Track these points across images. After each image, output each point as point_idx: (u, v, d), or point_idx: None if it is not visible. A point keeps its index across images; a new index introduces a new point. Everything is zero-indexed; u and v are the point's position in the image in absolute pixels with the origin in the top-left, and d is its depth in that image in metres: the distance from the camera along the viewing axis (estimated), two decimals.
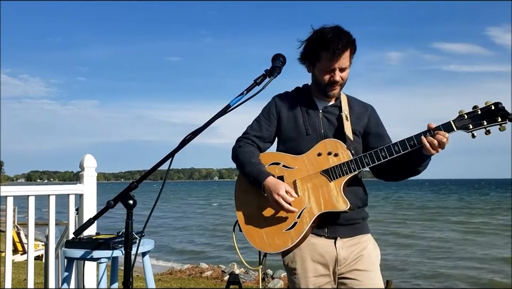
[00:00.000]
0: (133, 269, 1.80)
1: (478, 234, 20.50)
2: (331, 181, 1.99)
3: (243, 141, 2.17)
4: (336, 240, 2.04)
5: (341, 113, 2.12)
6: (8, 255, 3.48)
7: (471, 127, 1.86)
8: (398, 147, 1.94)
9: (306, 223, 1.98)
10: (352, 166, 1.98)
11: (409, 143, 1.93)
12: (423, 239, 18.85)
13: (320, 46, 1.98)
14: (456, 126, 1.88)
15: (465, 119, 1.88)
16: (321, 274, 2.02)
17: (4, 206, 3.55)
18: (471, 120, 1.87)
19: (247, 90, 1.80)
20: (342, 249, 2.03)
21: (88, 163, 3.77)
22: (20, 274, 7.40)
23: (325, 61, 2.00)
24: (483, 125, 1.85)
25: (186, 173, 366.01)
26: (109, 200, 1.72)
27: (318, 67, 2.05)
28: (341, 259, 2.02)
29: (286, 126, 2.13)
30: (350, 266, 2.02)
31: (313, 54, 2.03)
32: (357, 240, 2.07)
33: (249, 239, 2.08)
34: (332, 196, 1.97)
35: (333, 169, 1.99)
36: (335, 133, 2.09)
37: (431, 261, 13.84)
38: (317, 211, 1.98)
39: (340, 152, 2.01)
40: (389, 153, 1.95)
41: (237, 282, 3.95)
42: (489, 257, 14.60)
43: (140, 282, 6.72)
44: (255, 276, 9.30)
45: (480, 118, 1.86)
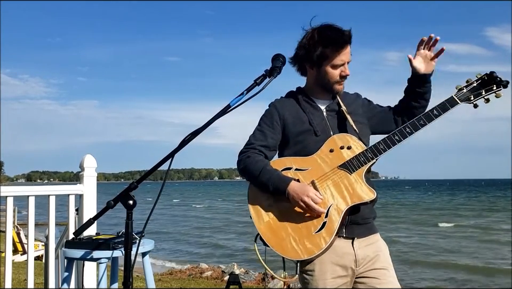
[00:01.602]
0: (133, 269, 1.79)
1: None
2: (351, 173, 1.97)
3: (250, 152, 2.07)
4: (353, 240, 2.02)
5: (341, 108, 2.12)
6: (8, 255, 3.48)
7: (472, 98, 2.01)
8: (410, 128, 2.00)
9: (336, 220, 1.94)
10: (369, 155, 1.98)
11: (419, 123, 2.00)
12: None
13: (327, 43, 1.99)
14: (459, 98, 2.01)
15: (465, 92, 2.02)
16: (339, 276, 1.99)
17: (4, 206, 3.55)
18: (470, 91, 2.02)
19: (247, 90, 1.79)
20: (359, 249, 2.02)
21: (88, 163, 3.77)
22: (20, 275, 7.40)
23: (333, 57, 2.00)
24: (482, 94, 2.02)
25: (186, 173, 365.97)
26: (109, 200, 1.71)
27: (327, 65, 2.03)
28: (359, 259, 2.01)
29: (292, 130, 2.08)
30: (368, 266, 2.01)
31: (319, 53, 2.00)
32: (371, 240, 2.07)
33: (278, 249, 1.97)
34: (356, 188, 1.96)
35: (350, 161, 1.98)
36: (341, 129, 2.10)
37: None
38: (344, 206, 1.95)
39: (352, 144, 2.01)
40: (402, 136, 1.99)
41: (237, 282, 3.96)
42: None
43: (140, 282, 6.72)
44: (255, 276, 9.29)
45: (478, 88, 2.02)
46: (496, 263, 13.72)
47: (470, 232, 21.22)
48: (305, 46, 2.05)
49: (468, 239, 18.92)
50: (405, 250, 15.77)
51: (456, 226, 23.41)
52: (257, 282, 8.89)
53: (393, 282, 2.00)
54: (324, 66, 2.04)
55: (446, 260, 14.09)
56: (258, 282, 8.88)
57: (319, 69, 2.06)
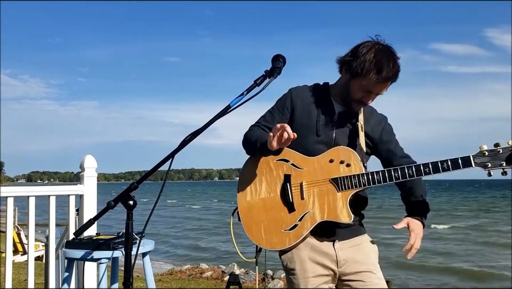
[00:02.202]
0: (133, 269, 1.80)
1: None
2: (339, 191, 1.96)
3: (255, 127, 2.14)
4: (334, 242, 2.04)
5: (357, 122, 2.07)
6: (9, 255, 3.48)
7: (489, 166, 1.85)
8: (413, 171, 1.92)
9: (306, 228, 1.97)
10: (363, 181, 1.94)
11: (425, 170, 1.90)
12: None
13: (373, 67, 1.91)
14: (475, 162, 1.87)
15: (485, 156, 1.86)
16: (320, 274, 2.02)
17: (4, 206, 3.55)
18: (490, 158, 1.86)
19: (247, 90, 1.79)
20: (340, 250, 2.03)
21: (88, 164, 3.78)
22: (20, 275, 7.40)
23: (369, 82, 1.93)
24: (501, 166, 1.85)
25: (186, 173, 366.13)
26: (109, 201, 1.72)
27: (358, 83, 1.97)
28: (341, 260, 2.02)
29: (297, 122, 2.08)
30: (353, 268, 2.02)
31: (361, 69, 1.93)
32: (355, 242, 2.07)
33: (247, 230, 2.07)
34: (336, 206, 1.95)
35: (342, 179, 1.96)
36: (348, 141, 2.06)
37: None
38: (319, 218, 1.96)
39: (353, 163, 1.97)
40: (402, 176, 1.92)
41: (237, 283, 3.95)
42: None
43: (140, 282, 6.72)
44: (255, 276, 9.30)
45: (499, 159, 1.85)
46: (488, 267, 13.41)
47: (465, 234, 20.88)
48: (357, 54, 1.96)
49: (463, 241, 18.58)
50: (399, 253, 15.68)
51: (452, 228, 23.11)
52: (257, 282, 8.89)
53: (379, 284, 2.00)
54: (355, 81, 1.98)
55: (436, 264, 13.70)
56: (258, 282, 8.88)
57: (350, 79, 2.00)
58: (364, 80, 1.94)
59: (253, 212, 2.07)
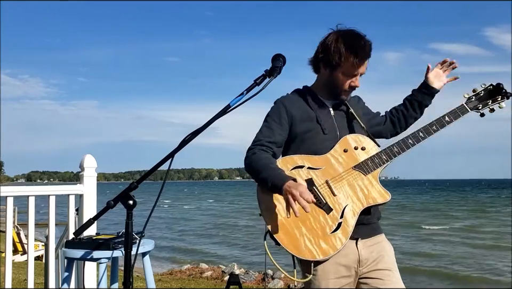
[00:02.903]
0: (133, 269, 1.79)
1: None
2: (366, 174, 1.99)
3: (256, 148, 2.02)
4: (357, 240, 2.01)
5: (349, 109, 2.14)
6: (8, 255, 3.48)
7: (480, 107, 2.14)
8: (423, 133, 2.07)
9: (352, 221, 1.94)
10: (384, 157, 2.02)
11: (432, 128, 2.07)
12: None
13: (349, 51, 1.96)
14: (469, 107, 2.12)
15: (473, 100, 2.14)
16: (342, 276, 1.98)
17: (4, 206, 3.55)
18: (478, 100, 2.14)
19: (247, 90, 1.79)
20: (363, 249, 2.01)
21: (88, 163, 3.77)
22: (20, 275, 7.40)
23: (350, 66, 1.98)
24: (488, 104, 2.14)
25: (186, 173, 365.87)
26: (109, 200, 1.71)
27: (340, 71, 2.01)
28: (363, 260, 2.00)
29: (300, 128, 2.06)
30: (372, 267, 2.00)
31: (338, 58, 1.97)
32: (375, 240, 2.06)
33: (292, 249, 1.92)
34: (370, 190, 1.97)
35: (365, 162, 2.00)
36: (350, 129, 2.11)
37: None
38: (360, 207, 1.95)
39: (366, 145, 2.03)
40: (416, 140, 2.06)
41: (237, 283, 3.96)
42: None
43: (140, 282, 6.72)
44: (255, 276, 9.29)
45: (485, 98, 2.14)
46: (474, 269, 12.81)
47: (455, 235, 20.30)
48: (326, 47, 2.01)
49: (451, 243, 17.95)
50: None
51: (443, 229, 22.52)
52: (257, 282, 8.89)
53: (397, 283, 1.99)
54: (338, 71, 2.02)
55: (418, 265, 13.11)
56: (258, 282, 8.88)
57: (331, 72, 2.04)
58: (345, 67, 2.00)
59: (289, 230, 1.94)
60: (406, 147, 2.04)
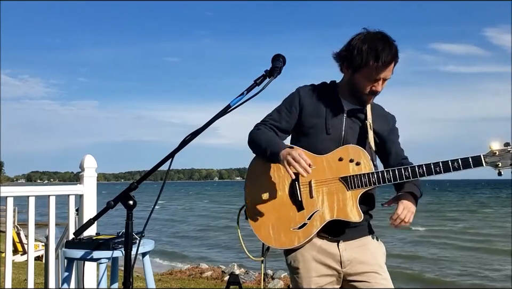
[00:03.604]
0: (133, 269, 1.80)
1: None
2: (348, 190, 1.95)
3: (261, 126, 2.10)
4: (339, 242, 2.03)
5: (365, 120, 2.07)
6: (8, 255, 3.48)
7: (500, 165, 1.86)
8: (423, 170, 1.92)
9: (316, 226, 1.96)
10: (373, 179, 1.94)
11: (435, 169, 1.90)
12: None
13: (370, 55, 1.91)
14: (486, 161, 1.87)
15: (495, 155, 1.87)
16: (324, 274, 2.01)
17: (4, 206, 3.55)
18: (500, 158, 1.87)
19: (247, 90, 1.79)
20: (345, 250, 2.02)
21: (88, 163, 3.77)
22: (20, 275, 7.40)
23: (371, 70, 1.93)
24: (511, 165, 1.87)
25: (186, 173, 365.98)
26: (109, 201, 1.72)
27: (362, 75, 1.97)
28: (345, 260, 2.01)
29: (306, 121, 2.07)
30: (358, 269, 2.01)
31: (360, 60, 1.94)
32: (361, 242, 2.06)
33: (255, 229, 2.04)
34: (346, 205, 1.95)
35: (352, 178, 1.95)
36: (357, 140, 2.06)
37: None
38: (328, 217, 1.95)
39: (363, 161, 1.97)
40: (413, 175, 1.93)
41: (237, 283, 3.95)
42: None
43: (140, 282, 6.72)
44: (255, 276, 9.30)
45: (510, 158, 1.86)
46: (455, 275, 12.16)
47: (442, 237, 19.66)
48: (351, 47, 1.98)
49: (436, 245, 17.42)
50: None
51: (432, 230, 21.78)
52: (257, 282, 8.89)
53: (385, 285, 2.00)
54: (359, 74, 1.98)
55: (396, 268, 12.38)
56: (258, 282, 8.88)
57: (353, 74, 2.01)
58: (366, 70, 1.95)
59: (261, 211, 2.04)
60: (400, 178, 1.93)
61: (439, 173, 1.90)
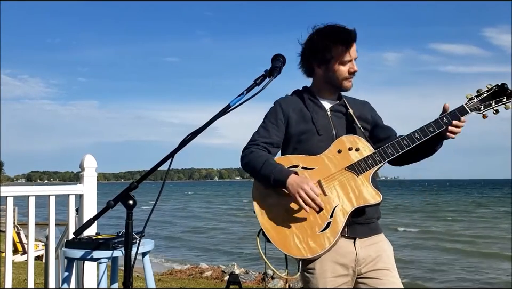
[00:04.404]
0: (133, 269, 1.80)
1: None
2: (358, 175, 1.97)
3: (253, 147, 2.07)
4: (355, 240, 2.02)
5: (348, 110, 2.13)
6: (9, 255, 3.48)
7: (482, 108, 1.99)
8: (419, 134, 1.98)
9: (341, 221, 1.94)
10: (377, 158, 1.98)
11: (429, 129, 1.98)
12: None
13: (334, 40, 2.01)
14: (470, 108, 1.99)
15: (475, 101, 2.00)
16: (339, 275, 1.99)
17: (4, 206, 3.55)
18: (480, 102, 2.00)
19: (247, 90, 1.79)
20: (360, 249, 2.02)
21: (88, 163, 3.77)
22: (20, 275, 7.40)
23: (341, 53, 2.02)
24: (491, 105, 1.99)
25: (186, 173, 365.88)
26: (109, 200, 1.72)
27: (335, 63, 2.05)
28: (360, 259, 2.01)
29: (295, 129, 2.09)
30: (370, 266, 2.01)
31: (327, 51, 2.02)
32: (373, 240, 2.06)
33: (281, 246, 1.96)
34: (362, 190, 1.96)
35: (358, 163, 1.98)
36: (347, 130, 2.10)
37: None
38: (350, 208, 1.95)
39: (361, 146, 2.01)
40: (411, 141, 1.98)
41: (237, 283, 3.96)
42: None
43: (140, 282, 6.72)
44: (255, 276, 9.29)
45: (488, 99, 2.00)
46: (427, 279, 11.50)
47: (428, 238, 19.04)
48: (312, 45, 2.07)
49: (419, 247, 16.74)
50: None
51: (417, 232, 21.17)
52: (257, 282, 8.89)
53: (396, 283, 1.99)
54: (333, 63, 2.05)
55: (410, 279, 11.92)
56: (258, 282, 8.88)
57: (327, 66, 2.07)
58: (339, 57, 2.03)
59: (279, 227, 1.98)
60: (401, 148, 1.98)
61: (433, 132, 1.97)
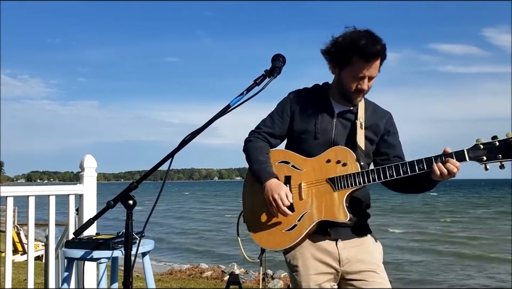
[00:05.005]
0: (133, 269, 1.80)
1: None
2: (335, 190, 1.97)
3: (255, 135, 2.17)
4: (337, 241, 2.05)
5: (355, 120, 2.06)
6: (8, 255, 3.48)
7: (485, 159, 1.78)
8: (406, 168, 1.89)
9: (305, 227, 2.00)
10: (358, 180, 1.94)
11: (418, 166, 1.87)
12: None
13: (354, 51, 1.90)
14: (469, 156, 1.80)
15: (480, 150, 1.79)
16: (322, 272, 2.03)
17: (4, 206, 3.55)
18: (486, 151, 1.78)
19: (247, 90, 1.79)
20: (343, 249, 2.04)
21: (88, 163, 3.77)
22: (20, 275, 7.40)
23: (356, 67, 1.93)
24: (498, 159, 1.76)
25: (186, 173, 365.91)
26: (109, 200, 1.72)
27: (347, 72, 1.98)
28: (343, 259, 2.03)
29: (297, 126, 2.11)
30: (355, 267, 2.02)
31: (344, 57, 1.95)
32: (358, 242, 2.08)
33: (251, 232, 2.12)
34: (333, 206, 1.96)
35: (338, 178, 1.97)
36: (346, 140, 2.05)
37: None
38: (316, 218, 1.99)
39: (349, 162, 1.97)
40: (396, 173, 1.90)
41: (237, 283, 3.95)
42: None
43: (140, 282, 6.72)
44: (255, 276, 9.30)
45: (496, 151, 1.77)
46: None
47: (420, 240, 18.70)
48: (336, 45, 1.99)
49: (401, 248, 16.39)
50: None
51: (406, 233, 20.85)
52: (257, 282, 8.90)
53: (383, 283, 2.01)
54: (344, 72, 1.99)
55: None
56: (258, 282, 8.88)
57: (340, 72, 2.02)
58: (351, 68, 1.95)
59: (256, 214, 2.11)
60: (384, 177, 1.91)
61: (422, 169, 1.86)
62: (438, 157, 1.85)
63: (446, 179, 1.85)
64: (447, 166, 1.81)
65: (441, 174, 1.82)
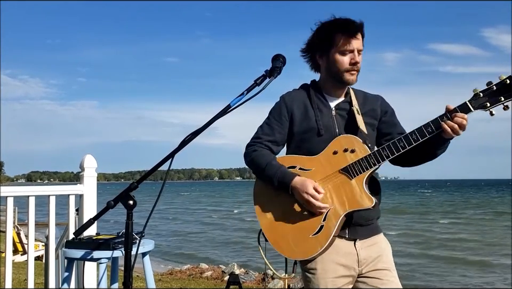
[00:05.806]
0: (133, 269, 1.80)
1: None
2: (352, 178, 1.92)
3: (257, 145, 2.08)
4: (355, 241, 2.02)
5: (351, 107, 2.06)
6: (9, 255, 3.48)
7: (489, 105, 1.79)
8: (416, 135, 1.87)
9: (333, 225, 1.92)
10: (372, 161, 1.91)
11: (427, 130, 1.86)
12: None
13: (335, 29, 1.97)
14: (472, 106, 1.82)
15: (481, 97, 1.80)
16: (341, 276, 1.99)
17: (4, 206, 3.55)
18: (487, 97, 1.80)
19: (247, 90, 1.79)
20: (361, 250, 2.01)
21: (88, 163, 3.77)
22: (20, 275, 7.40)
23: (343, 42, 1.96)
24: (501, 101, 1.78)
25: (186, 173, 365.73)
26: (109, 201, 1.72)
27: (335, 52, 1.99)
28: (362, 260, 2.00)
29: (298, 127, 2.07)
30: (371, 266, 2.01)
31: (327, 39, 1.99)
32: (373, 240, 2.06)
33: (276, 247, 2.00)
34: (355, 194, 1.92)
35: (352, 166, 1.92)
36: (348, 129, 2.04)
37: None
38: (342, 211, 1.92)
39: (357, 147, 1.94)
40: (408, 143, 1.88)
41: (237, 283, 3.96)
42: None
43: (140, 282, 6.72)
44: (255, 276, 9.29)
45: (497, 94, 1.79)
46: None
47: (411, 243, 18.13)
48: (315, 35, 2.04)
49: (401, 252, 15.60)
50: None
51: (397, 235, 19.85)
52: (257, 282, 8.89)
53: (395, 282, 2.00)
54: (332, 53, 2.00)
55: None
56: (258, 282, 8.87)
57: (328, 56, 2.02)
58: (338, 46, 1.98)
59: (276, 227, 2.01)
60: (396, 150, 1.89)
61: (432, 132, 1.86)
62: (443, 116, 1.85)
63: (458, 135, 1.85)
64: (456, 120, 1.83)
65: (452, 130, 1.83)
